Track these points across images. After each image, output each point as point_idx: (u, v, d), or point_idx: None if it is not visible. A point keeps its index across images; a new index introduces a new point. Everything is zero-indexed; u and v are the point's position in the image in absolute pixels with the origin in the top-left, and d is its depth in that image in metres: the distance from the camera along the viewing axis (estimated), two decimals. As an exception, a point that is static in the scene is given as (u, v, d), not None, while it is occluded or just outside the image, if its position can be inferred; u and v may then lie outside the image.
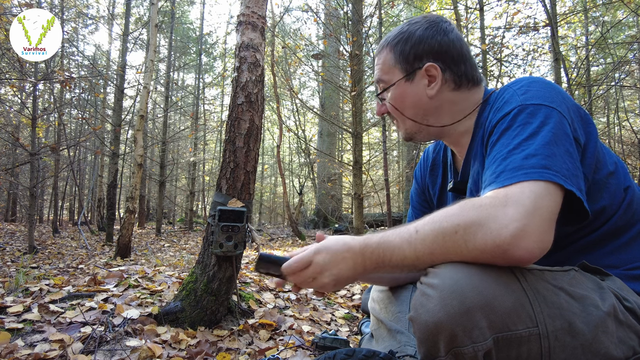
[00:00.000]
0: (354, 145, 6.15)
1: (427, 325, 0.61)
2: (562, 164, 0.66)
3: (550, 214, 0.62)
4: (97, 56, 12.35)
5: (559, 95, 0.76)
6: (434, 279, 0.63)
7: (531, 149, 0.67)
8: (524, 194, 0.62)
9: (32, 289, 1.82)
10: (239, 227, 1.58)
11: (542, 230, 0.60)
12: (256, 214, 16.56)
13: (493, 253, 0.60)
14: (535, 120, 0.71)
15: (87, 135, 8.82)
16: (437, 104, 0.92)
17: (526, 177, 0.64)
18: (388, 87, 0.95)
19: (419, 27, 0.92)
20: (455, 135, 0.95)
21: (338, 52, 8.12)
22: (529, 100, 0.74)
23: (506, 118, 0.75)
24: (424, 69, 0.90)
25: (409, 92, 0.93)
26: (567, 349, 0.61)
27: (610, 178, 0.79)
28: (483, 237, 0.60)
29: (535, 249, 0.59)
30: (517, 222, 0.59)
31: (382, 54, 0.96)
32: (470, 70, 0.92)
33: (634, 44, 6.03)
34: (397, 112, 0.95)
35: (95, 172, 11.26)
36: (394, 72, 0.94)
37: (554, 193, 0.63)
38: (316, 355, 1.38)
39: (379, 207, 11.52)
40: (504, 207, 0.61)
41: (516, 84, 0.81)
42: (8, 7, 5.14)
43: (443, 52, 0.90)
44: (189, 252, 5.56)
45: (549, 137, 0.68)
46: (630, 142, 7.41)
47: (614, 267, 0.75)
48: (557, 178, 0.64)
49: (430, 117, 0.94)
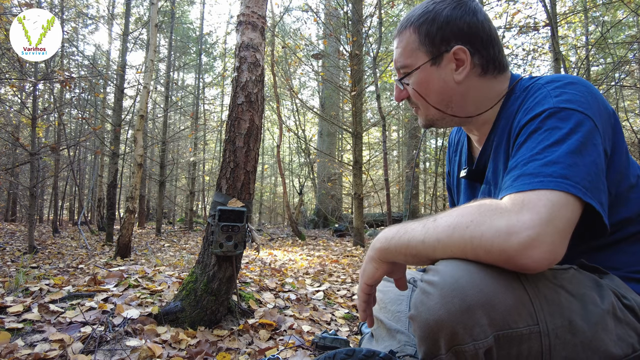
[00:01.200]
0: (354, 145, 6.15)
1: (427, 323, 0.61)
2: (585, 175, 0.63)
3: (566, 225, 0.60)
4: (97, 56, 12.34)
5: (595, 101, 0.72)
6: (435, 276, 0.62)
7: (554, 156, 0.65)
8: (541, 202, 0.60)
9: (32, 288, 1.82)
10: (239, 227, 1.58)
11: (554, 242, 0.58)
12: (256, 214, 16.56)
13: (498, 257, 0.60)
14: (565, 126, 0.68)
15: (87, 135, 8.82)
16: (464, 90, 0.86)
17: (543, 185, 0.62)
18: (411, 72, 0.88)
19: (446, 6, 0.84)
20: (478, 123, 0.91)
21: (338, 52, 8.12)
22: (562, 104, 0.71)
23: (535, 120, 0.72)
24: (452, 52, 0.84)
25: (434, 77, 0.86)
26: (567, 346, 0.62)
27: (631, 192, 0.77)
28: (491, 239, 0.60)
29: (544, 260, 0.58)
30: (529, 230, 0.57)
31: (404, 35, 0.88)
32: (498, 54, 0.86)
33: (634, 44, 6.03)
34: (421, 98, 0.89)
35: (95, 172, 11.26)
36: (417, 55, 0.87)
37: (572, 205, 0.61)
38: (316, 355, 1.38)
39: (379, 207, 11.52)
40: (518, 214, 0.59)
41: (551, 84, 0.76)
42: (8, 7, 5.14)
43: (472, 34, 0.83)
44: (189, 252, 5.56)
45: (576, 145, 0.65)
46: (630, 142, 7.41)
47: (615, 269, 0.75)
48: (576, 190, 0.61)
49: (454, 105, 0.88)
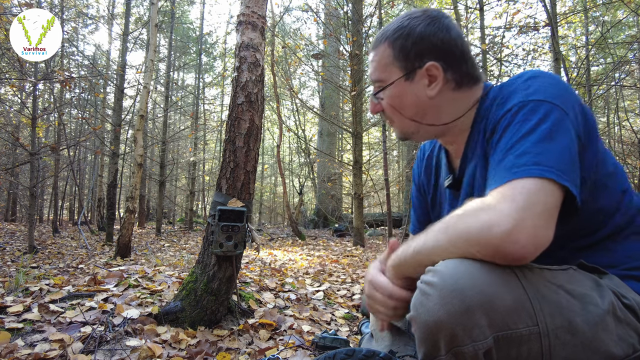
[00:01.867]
0: (354, 145, 6.15)
1: (427, 325, 0.61)
2: (557, 159, 0.65)
3: (544, 208, 0.61)
4: (97, 56, 12.34)
5: (563, 91, 0.74)
6: (434, 277, 0.62)
7: (525, 147, 0.67)
8: (516, 191, 0.62)
9: (32, 288, 1.82)
10: (239, 227, 1.58)
11: (535, 225, 0.59)
12: (256, 214, 16.56)
13: (487, 251, 0.61)
14: (534, 117, 0.70)
15: (87, 135, 8.81)
16: (438, 103, 0.89)
17: (517, 175, 0.64)
18: (386, 87, 0.90)
19: (421, 23, 0.86)
20: (453, 133, 0.93)
21: (338, 52, 8.12)
22: (531, 96, 0.73)
23: (507, 115, 0.74)
24: (425, 69, 0.86)
25: (408, 91, 0.88)
26: (567, 347, 0.61)
27: (609, 179, 0.79)
28: (478, 234, 0.61)
29: (529, 245, 0.59)
30: (509, 217, 0.59)
31: (380, 49, 0.91)
32: (471, 69, 0.89)
33: (634, 44, 6.03)
34: (395, 111, 0.92)
35: (95, 172, 11.26)
36: (392, 70, 0.89)
37: (548, 188, 0.63)
38: (316, 355, 1.38)
39: (379, 207, 11.51)
40: (497, 206, 0.62)
41: (520, 78, 0.79)
42: (8, 7, 5.14)
43: (445, 51, 0.86)
44: (189, 252, 5.56)
45: (545, 133, 0.68)
46: (630, 142, 7.40)
47: (611, 267, 0.75)
48: (550, 173, 0.63)
49: (429, 117, 0.91)
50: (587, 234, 0.78)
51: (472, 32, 8.09)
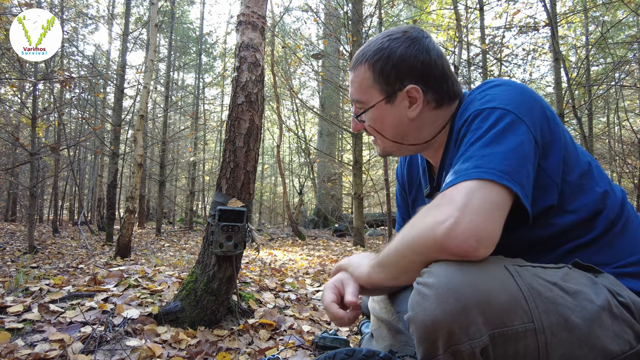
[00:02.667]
0: (354, 145, 6.15)
1: (424, 325, 0.61)
2: (500, 161, 0.67)
3: (483, 205, 0.63)
4: (97, 56, 12.34)
5: (520, 97, 0.76)
6: (430, 278, 0.63)
7: (470, 152, 0.70)
8: (456, 191, 0.66)
9: (32, 288, 1.82)
10: (239, 227, 1.58)
11: (473, 220, 0.62)
12: (256, 214, 16.56)
13: (434, 249, 0.64)
14: (484, 124, 0.72)
15: (87, 135, 8.82)
16: (418, 124, 0.90)
17: (458, 180, 0.67)
18: (367, 109, 0.91)
19: (401, 45, 0.86)
20: (434, 148, 0.95)
21: (338, 52, 8.12)
22: (484, 105, 0.75)
23: (465, 125, 0.77)
24: (406, 91, 0.86)
25: (389, 113, 0.89)
26: (564, 344, 0.62)
27: (583, 178, 0.79)
28: (425, 236, 0.65)
29: (470, 239, 0.61)
30: (448, 216, 0.63)
31: (359, 70, 0.91)
32: (452, 87, 0.89)
33: (634, 44, 6.02)
34: (377, 133, 0.93)
35: (95, 172, 11.26)
36: (372, 92, 0.89)
37: (487, 188, 0.65)
38: (316, 355, 1.38)
39: (379, 207, 11.52)
40: (439, 207, 0.66)
41: (478, 89, 0.81)
42: (8, 7, 5.15)
43: (425, 73, 0.86)
44: (189, 252, 5.56)
45: (492, 138, 0.70)
46: (630, 142, 7.41)
47: (604, 265, 0.76)
48: (489, 175, 0.65)
49: (410, 137, 0.92)
50: (578, 235, 0.78)
51: (472, 32, 8.09)
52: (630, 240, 0.78)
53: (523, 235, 0.78)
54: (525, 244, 0.79)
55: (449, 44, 7.78)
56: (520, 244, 0.78)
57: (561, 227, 0.77)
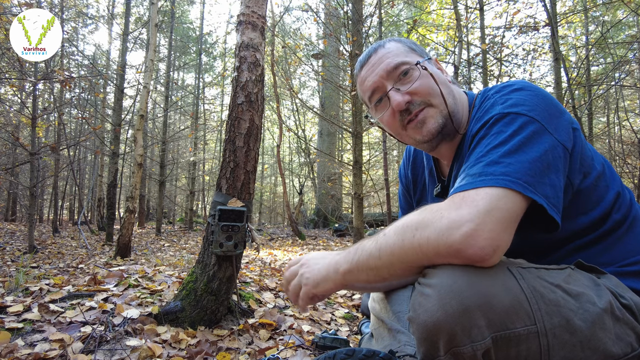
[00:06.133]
0: (354, 145, 6.15)
1: (426, 325, 0.61)
2: (527, 171, 0.66)
3: (504, 215, 0.62)
4: (97, 56, 12.33)
5: (543, 103, 0.75)
6: (432, 278, 0.63)
7: (496, 157, 0.69)
8: (479, 196, 0.64)
9: (32, 288, 1.82)
10: (239, 227, 1.58)
11: (494, 230, 0.60)
12: (256, 214, 16.55)
13: (447, 253, 0.62)
14: (508, 129, 0.71)
15: (87, 135, 8.82)
16: (453, 89, 0.93)
17: (483, 183, 0.65)
18: (416, 64, 0.88)
19: None
20: (452, 146, 0.94)
21: (338, 51, 8.12)
22: (507, 109, 0.74)
23: (484, 127, 0.76)
24: (434, 59, 0.94)
25: (435, 72, 0.90)
26: (566, 346, 0.62)
27: (599, 180, 0.79)
28: (437, 239, 0.62)
29: (488, 248, 0.60)
30: (469, 221, 0.61)
31: (388, 46, 0.92)
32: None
33: (634, 44, 6.02)
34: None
35: (95, 172, 11.25)
36: (412, 55, 0.91)
37: (511, 197, 0.64)
38: (316, 354, 1.38)
39: (379, 207, 11.51)
40: (458, 209, 0.63)
41: (499, 92, 0.81)
42: (8, 7, 5.14)
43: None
44: (189, 251, 5.56)
45: (518, 145, 0.69)
46: (630, 142, 7.40)
47: (608, 265, 0.76)
48: (516, 185, 0.64)
49: (457, 102, 0.91)
50: (585, 233, 0.79)
51: (472, 32, 8.09)
52: (635, 240, 0.78)
53: (532, 238, 0.77)
54: (531, 244, 0.79)
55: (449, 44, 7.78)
56: (525, 245, 0.78)
57: (572, 229, 0.77)
